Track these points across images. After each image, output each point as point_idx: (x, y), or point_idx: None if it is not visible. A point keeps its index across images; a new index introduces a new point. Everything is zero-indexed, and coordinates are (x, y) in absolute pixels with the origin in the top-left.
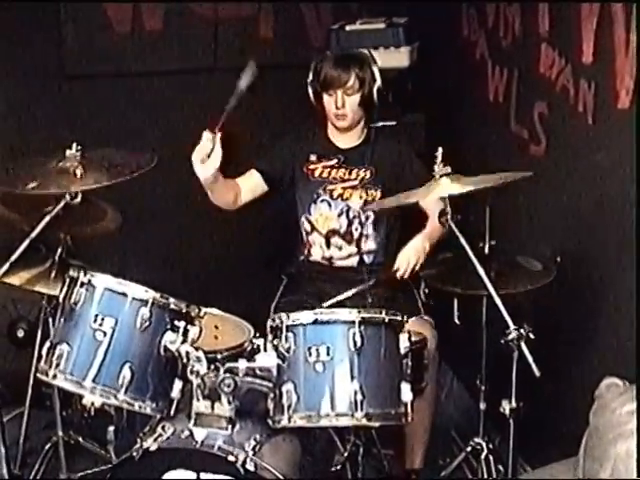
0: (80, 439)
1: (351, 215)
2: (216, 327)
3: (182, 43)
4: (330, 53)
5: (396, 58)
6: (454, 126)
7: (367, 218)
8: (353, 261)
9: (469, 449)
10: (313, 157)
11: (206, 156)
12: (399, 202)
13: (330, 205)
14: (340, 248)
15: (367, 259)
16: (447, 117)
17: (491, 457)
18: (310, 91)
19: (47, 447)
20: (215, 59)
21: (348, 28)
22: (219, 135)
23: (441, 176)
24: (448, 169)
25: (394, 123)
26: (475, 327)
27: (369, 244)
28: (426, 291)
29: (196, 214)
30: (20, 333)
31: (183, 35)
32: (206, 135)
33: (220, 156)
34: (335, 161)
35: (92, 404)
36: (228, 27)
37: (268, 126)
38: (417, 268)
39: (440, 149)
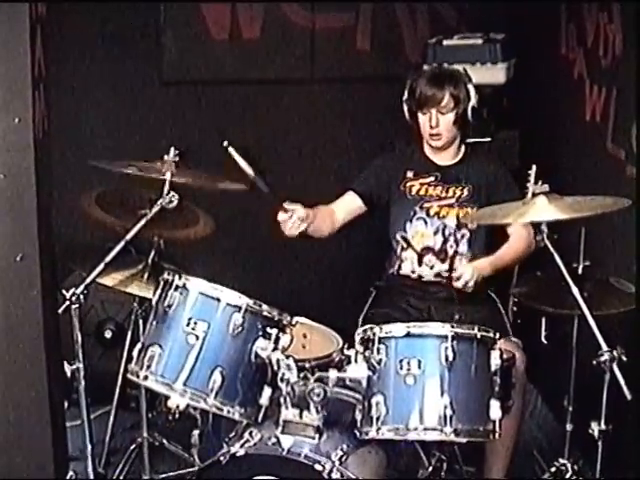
0: (164, 441)
1: (447, 233)
2: (304, 336)
3: (279, 52)
4: (425, 69)
5: (492, 74)
6: (549, 144)
7: (462, 236)
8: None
9: (553, 469)
10: (410, 174)
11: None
12: (495, 221)
13: (426, 223)
14: (432, 267)
15: None
16: (542, 135)
17: (575, 478)
18: (405, 109)
19: (132, 448)
20: (312, 69)
21: (445, 43)
22: (288, 209)
23: (537, 194)
24: (546, 187)
25: (489, 139)
26: (562, 347)
27: (461, 262)
28: (514, 309)
29: None
30: (108, 334)
31: (280, 45)
32: (280, 216)
33: (302, 215)
34: (432, 178)
35: (177, 407)
36: (325, 38)
37: (362, 139)
38: (471, 287)
39: (534, 167)
